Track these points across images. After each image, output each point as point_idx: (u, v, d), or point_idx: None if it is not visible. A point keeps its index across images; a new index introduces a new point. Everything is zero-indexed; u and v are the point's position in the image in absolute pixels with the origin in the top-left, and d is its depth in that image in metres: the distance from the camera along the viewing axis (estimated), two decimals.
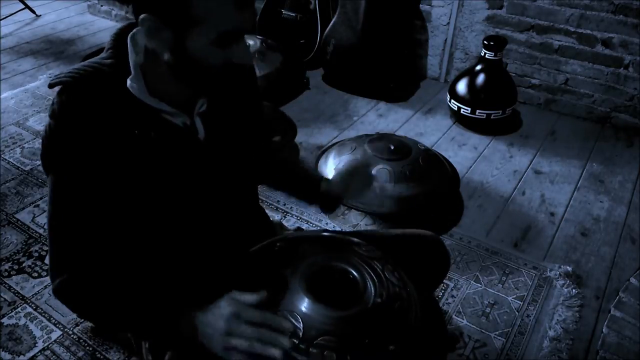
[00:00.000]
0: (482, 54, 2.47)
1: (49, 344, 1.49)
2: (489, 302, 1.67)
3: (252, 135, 1.10)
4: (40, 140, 0.89)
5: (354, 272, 0.95)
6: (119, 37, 0.90)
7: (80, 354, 1.47)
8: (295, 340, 0.83)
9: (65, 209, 0.88)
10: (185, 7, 0.77)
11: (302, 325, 0.85)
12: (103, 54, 0.90)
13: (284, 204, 2.07)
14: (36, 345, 1.49)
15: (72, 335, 1.52)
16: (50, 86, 0.86)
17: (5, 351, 1.47)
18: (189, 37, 0.80)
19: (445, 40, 2.94)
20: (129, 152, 0.87)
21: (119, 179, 0.88)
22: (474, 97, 2.50)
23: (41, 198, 2.04)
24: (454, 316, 1.62)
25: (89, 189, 0.87)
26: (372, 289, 0.92)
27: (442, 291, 1.70)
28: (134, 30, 0.89)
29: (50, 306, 1.60)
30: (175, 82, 0.88)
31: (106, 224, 0.89)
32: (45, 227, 1.89)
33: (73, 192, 0.87)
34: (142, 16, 0.80)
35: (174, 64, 0.84)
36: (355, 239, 1.05)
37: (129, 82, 0.86)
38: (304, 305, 0.87)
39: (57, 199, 0.88)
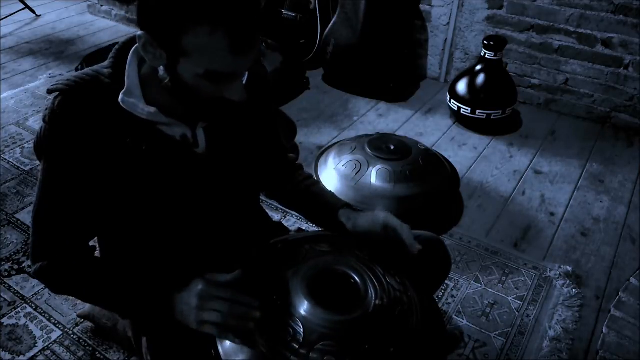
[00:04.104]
0: (482, 54, 2.47)
1: (49, 344, 1.49)
2: (489, 302, 1.67)
3: (260, 149, 1.10)
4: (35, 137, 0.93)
5: (355, 276, 0.94)
6: (123, 48, 0.92)
7: (80, 354, 1.47)
8: (295, 345, 0.82)
9: (49, 200, 0.93)
10: (177, 36, 0.78)
11: (302, 329, 0.84)
12: (105, 63, 0.92)
13: None
14: (36, 345, 1.49)
15: (72, 335, 1.52)
16: (49, 92, 0.89)
17: (5, 351, 1.47)
18: (180, 63, 0.82)
19: (445, 40, 2.94)
20: (120, 159, 0.90)
21: (106, 180, 0.91)
22: (474, 97, 2.50)
23: None
24: (454, 316, 1.62)
25: (73, 185, 0.90)
26: (373, 293, 0.91)
27: (442, 291, 1.70)
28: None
29: (50, 306, 1.60)
30: (171, 97, 0.89)
31: (85, 216, 0.94)
32: None
33: (57, 185, 0.91)
34: (139, 32, 0.82)
35: (168, 81, 0.86)
36: (356, 241, 1.04)
37: (121, 96, 0.87)
38: (305, 309, 0.87)
39: (43, 190, 0.93)
